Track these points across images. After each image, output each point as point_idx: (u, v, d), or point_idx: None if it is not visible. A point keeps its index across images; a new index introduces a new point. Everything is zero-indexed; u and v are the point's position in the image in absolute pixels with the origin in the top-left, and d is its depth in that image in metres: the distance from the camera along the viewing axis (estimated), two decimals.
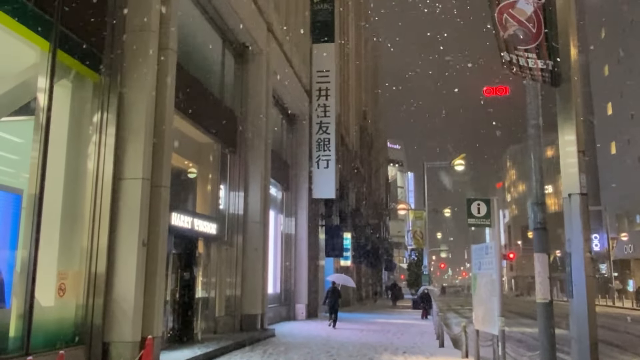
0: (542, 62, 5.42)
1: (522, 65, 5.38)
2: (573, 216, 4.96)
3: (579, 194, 4.96)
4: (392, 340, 14.19)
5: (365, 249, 35.47)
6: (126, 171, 8.91)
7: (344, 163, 30.06)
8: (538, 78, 5.42)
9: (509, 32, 5.37)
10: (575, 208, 4.94)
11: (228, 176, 15.06)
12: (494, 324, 8.87)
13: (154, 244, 9.13)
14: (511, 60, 5.35)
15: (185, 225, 11.54)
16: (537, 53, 5.42)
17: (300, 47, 21.87)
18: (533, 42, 5.41)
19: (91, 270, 8.54)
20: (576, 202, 4.95)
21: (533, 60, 5.41)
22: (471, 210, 9.08)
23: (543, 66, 5.42)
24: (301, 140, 22.43)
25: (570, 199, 5.02)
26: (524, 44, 5.41)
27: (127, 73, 9.10)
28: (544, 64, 5.42)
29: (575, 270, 4.90)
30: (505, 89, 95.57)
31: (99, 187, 8.75)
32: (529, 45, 5.42)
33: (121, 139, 8.94)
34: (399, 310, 30.16)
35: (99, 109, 8.95)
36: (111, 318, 8.56)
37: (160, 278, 9.32)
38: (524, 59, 5.40)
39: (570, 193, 5.05)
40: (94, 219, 8.63)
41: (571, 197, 5.02)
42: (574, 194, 5.00)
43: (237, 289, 14.66)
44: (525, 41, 5.41)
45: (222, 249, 14.22)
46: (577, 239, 4.90)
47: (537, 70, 5.41)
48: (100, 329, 8.48)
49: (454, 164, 30.74)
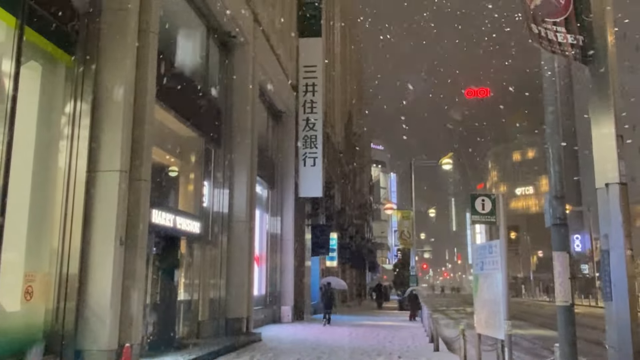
0: (571, 37, 4.85)
1: (551, 40, 4.80)
2: (612, 208, 4.39)
3: (618, 184, 4.39)
4: (384, 344, 13.59)
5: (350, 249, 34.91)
6: (102, 163, 8.15)
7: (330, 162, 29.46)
8: (568, 54, 4.86)
9: (536, 2, 4.79)
10: (614, 199, 4.37)
11: (212, 172, 14.31)
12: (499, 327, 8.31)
13: (133, 243, 8.37)
14: (539, 33, 4.77)
15: (167, 224, 10.81)
16: (567, 27, 4.85)
17: (286, 41, 21.19)
18: (562, 14, 4.83)
19: (62, 271, 7.77)
20: (615, 192, 4.39)
21: (562, 35, 4.83)
22: (475, 207, 8.50)
23: (573, 41, 4.85)
24: (287, 137, 21.74)
25: (608, 189, 4.45)
26: (552, 16, 4.82)
27: (104, 56, 8.33)
28: (574, 39, 4.85)
29: (615, 269, 4.32)
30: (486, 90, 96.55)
31: (71, 180, 7.98)
32: (557, 17, 4.84)
33: (97, 128, 8.18)
34: (385, 312, 29.62)
35: (72, 94, 8.19)
36: (85, 324, 7.79)
37: (140, 280, 8.57)
38: (553, 33, 4.82)
39: (607, 183, 4.48)
40: (66, 216, 7.86)
41: (609, 187, 4.45)
42: (612, 183, 4.43)
43: (221, 291, 13.92)
44: (553, 13, 4.82)
45: (205, 249, 13.49)
46: (617, 234, 4.33)
47: (567, 45, 4.85)
48: (73, 336, 7.72)
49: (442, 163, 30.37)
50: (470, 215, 8.47)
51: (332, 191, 29.06)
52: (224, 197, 14.52)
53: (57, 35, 7.79)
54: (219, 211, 14.30)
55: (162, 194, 12.14)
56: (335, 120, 33.81)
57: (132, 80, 8.57)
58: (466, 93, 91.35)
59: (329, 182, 27.46)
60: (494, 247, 8.53)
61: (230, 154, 14.74)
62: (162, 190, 11.94)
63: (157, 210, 10.34)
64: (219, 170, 14.49)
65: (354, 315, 25.94)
